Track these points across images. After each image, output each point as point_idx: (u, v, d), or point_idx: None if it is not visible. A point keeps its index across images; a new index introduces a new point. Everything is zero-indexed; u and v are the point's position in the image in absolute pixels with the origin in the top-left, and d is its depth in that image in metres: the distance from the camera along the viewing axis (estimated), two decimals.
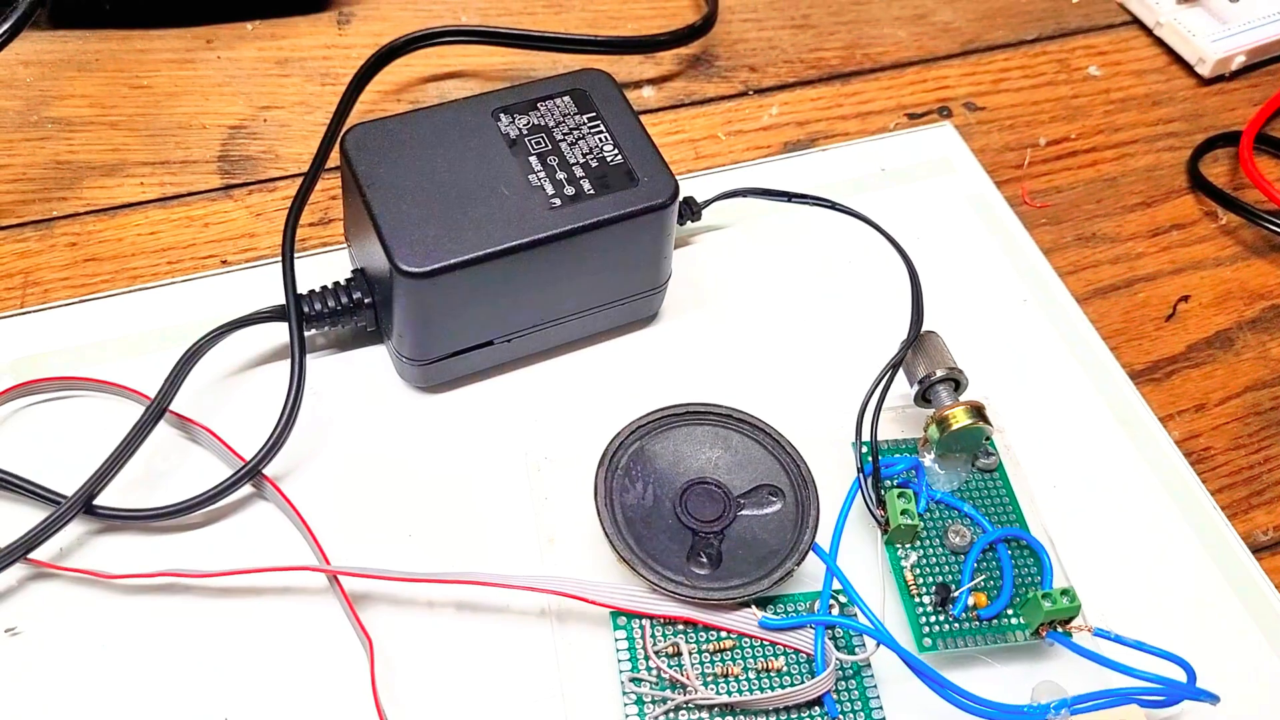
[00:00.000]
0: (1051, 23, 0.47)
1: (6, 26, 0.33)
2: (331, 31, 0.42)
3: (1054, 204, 0.41)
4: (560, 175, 0.31)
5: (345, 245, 0.35)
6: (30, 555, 0.28)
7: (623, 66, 0.42)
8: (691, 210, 0.36)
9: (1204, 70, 0.45)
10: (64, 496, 0.29)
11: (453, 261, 0.29)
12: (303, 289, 0.32)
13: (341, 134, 0.32)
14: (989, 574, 0.30)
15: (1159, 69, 0.45)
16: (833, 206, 0.36)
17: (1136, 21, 0.47)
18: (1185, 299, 0.38)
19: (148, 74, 0.40)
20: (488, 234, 0.30)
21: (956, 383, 0.32)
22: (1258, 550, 0.32)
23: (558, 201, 0.31)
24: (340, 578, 0.29)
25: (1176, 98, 0.45)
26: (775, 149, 0.41)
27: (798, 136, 0.42)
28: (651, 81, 0.43)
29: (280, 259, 0.34)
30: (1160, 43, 0.46)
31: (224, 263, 0.36)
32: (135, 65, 0.40)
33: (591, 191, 0.31)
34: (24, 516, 0.29)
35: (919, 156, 0.41)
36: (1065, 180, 0.41)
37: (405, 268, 0.29)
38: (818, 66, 0.44)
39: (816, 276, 0.37)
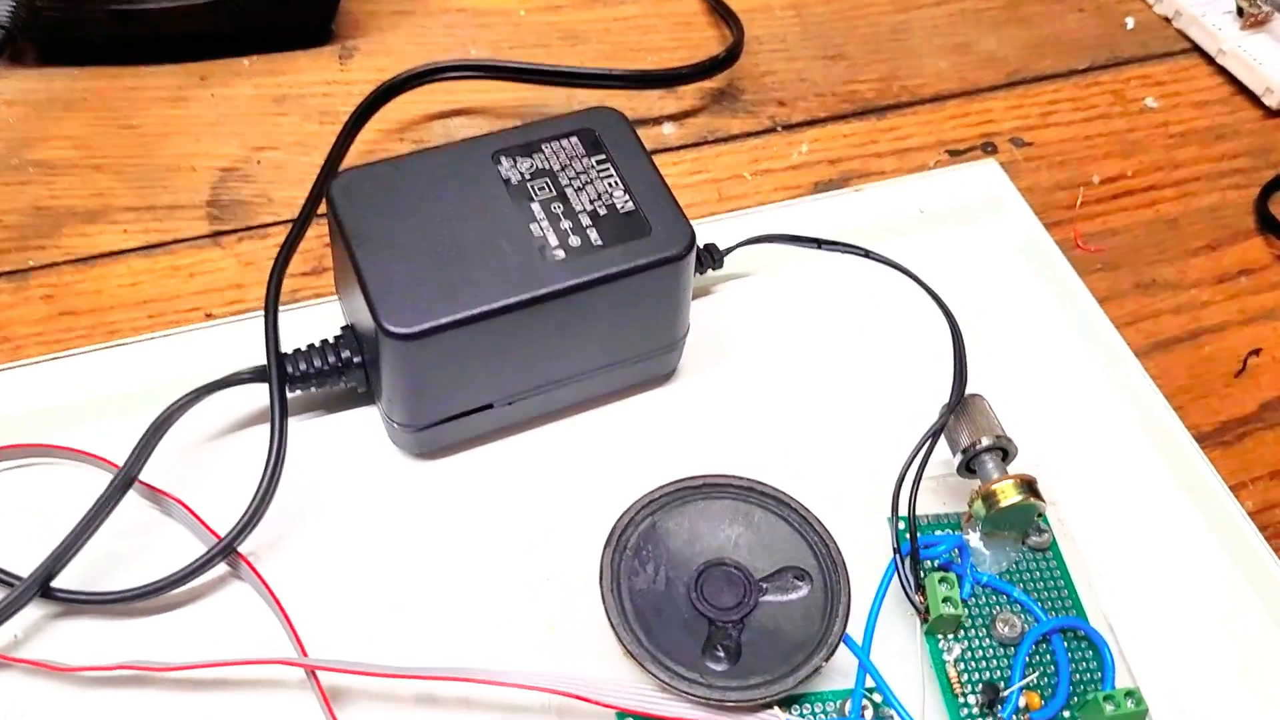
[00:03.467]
0: (1104, 51, 0.43)
1: None
2: (333, 67, 0.40)
3: (1109, 248, 0.37)
4: (565, 224, 0.29)
5: (337, 297, 0.33)
6: None
7: (641, 102, 0.40)
8: (712, 258, 0.34)
9: (1272, 101, 0.42)
10: (19, 578, 0.26)
11: (445, 321, 0.27)
12: (290, 345, 0.30)
13: (329, 181, 0.29)
14: (1043, 670, 0.27)
15: (1222, 100, 0.42)
16: (866, 255, 0.33)
17: (1197, 49, 0.44)
18: (1256, 352, 0.35)
19: (137, 113, 0.38)
20: (484, 290, 0.27)
21: (1004, 452, 0.29)
22: None
23: (562, 254, 0.28)
24: (318, 672, 0.26)
25: (1242, 131, 0.41)
26: (805, 189, 0.38)
27: (830, 175, 0.39)
28: (672, 118, 0.40)
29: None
30: (1223, 71, 0.43)
31: (209, 316, 0.33)
32: (125, 104, 0.38)
33: (599, 242, 0.29)
34: None
35: (961, 196, 0.38)
36: (1122, 222, 0.38)
37: (392, 328, 0.27)
38: (851, 100, 0.41)
39: (849, 331, 0.34)
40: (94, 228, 0.35)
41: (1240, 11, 0.43)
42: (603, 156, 0.30)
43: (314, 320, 0.32)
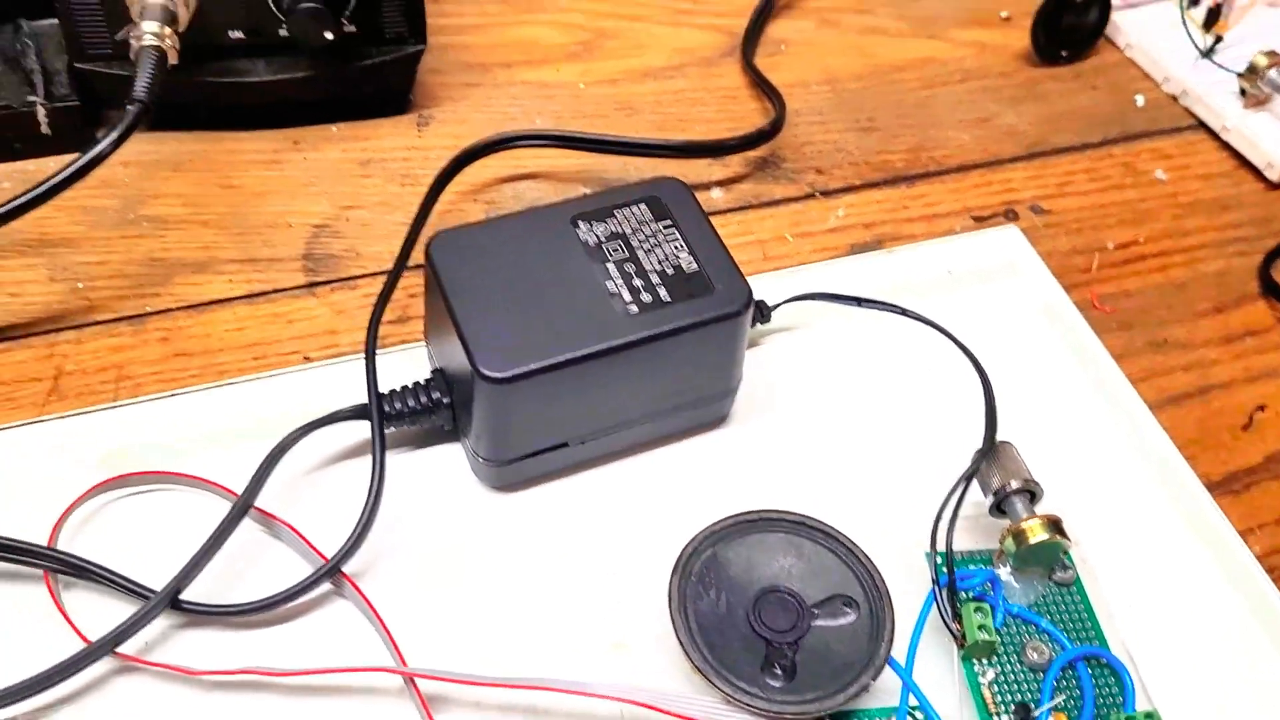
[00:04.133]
0: (1116, 126, 0.47)
1: (115, 135, 0.34)
2: (411, 133, 0.44)
3: (1124, 309, 0.41)
4: (637, 282, 0.32)
5: (424, 343, 0.36)
6: (117, 649, 0.29)
7: (691, 169, 0.43)
8: (761, 313, 0.37)
9: (1273, 175, 0.45)
10: (152, 591, 0.29)
11: (533, 367, 0.30)
12: (383, 387, 0.33)
13: (427, 240, 0.33)
14: (1069, 693, 0.30)
15: (1226, 173, 0.46)
16: (903, 313, 0.36)
17: (1202, 125, 0.47)
18: (1262, 408, 0.38)
19: (238, 174, 0.42)
20: (567, 340, 0.31)
21: (1032, 494, 0.32)
22: None
23: (635, 308, 0.32)
24: (417, 680, 0.29)
25: (1245, 202, 0.45)
26: (842, 250, 0.42)
27: (864, 238, 0.42)
28: (720, 183, 0.43)
29: (362, 356, 0.35)
30: (1227, 147, 0.46)
31: (306, 359, 0.37)
32: (226, 165, 0.42)
33: (668, 299, 0.32)
34: (110, 608, 0.30)
35: (986, 259, 0.41)
36: (1135, 285, 0.41)
37: (487, 373, 0.30)
38: (883, 169, 0.45)
39: (886, 381, 0.37)
40: (202, 277, 0.38)
41: (1243, 92, 0.46)
42: (669, 221, 0.34)
43: (401, 364, 0.36)
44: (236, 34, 0.40)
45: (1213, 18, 0.47)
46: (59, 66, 0.42)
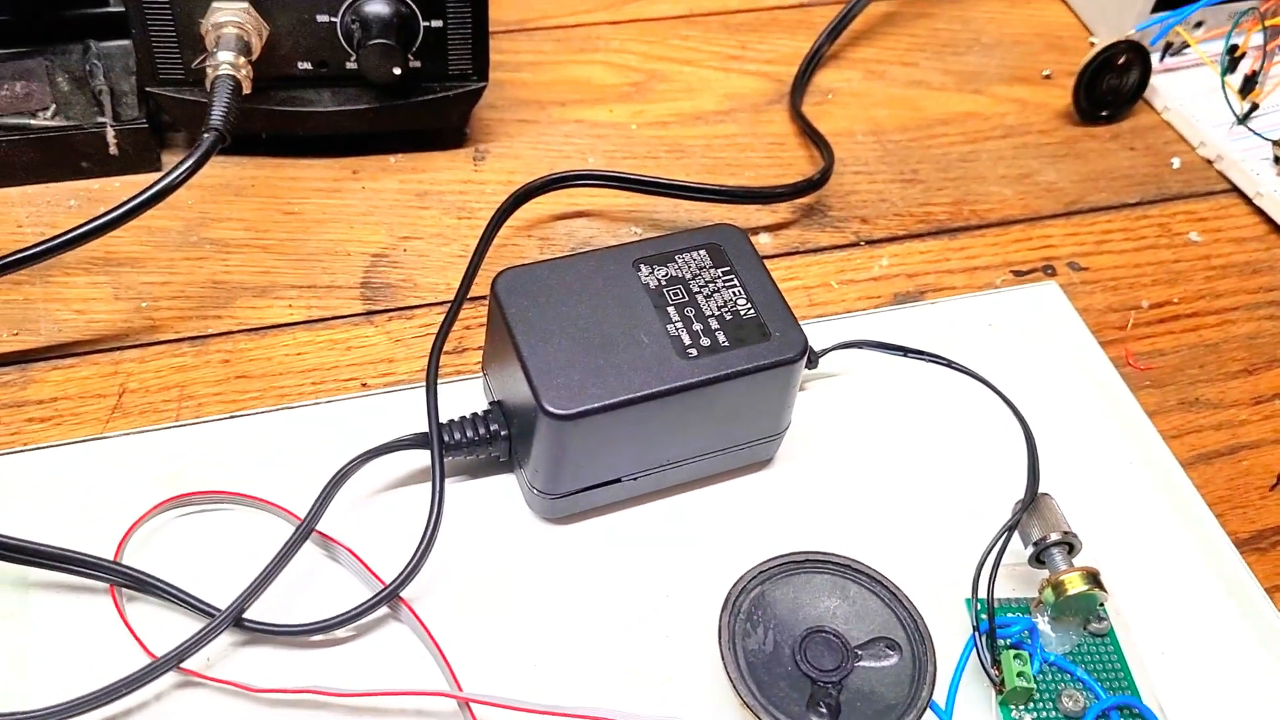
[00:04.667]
0: (1153, 187, 0.48)
1: (192, 161, 0.35)
2: (468, 167, 0.45)
3: (1157, 367, 0.42)
4: (697, 326, 0.33)
5: (480, 375, 0.37)
6: (181, 664, 0.29)
7: (740, 213, 0.44)
8: (810, 359, 0.38)
9: None
10: (216, 608, 0.30)
11: (596, 406, 0.31)
12: (441, 417, 0.34)
13: (494, 276, 0.34)
14: None
15: (1259, 237, 0.47)
16: (949, 364, 0.37)
17: (1236, 190, 0.48)
18: None
19: (298, 200, 0.43)
20: (628, 380, 0.32)
21: (1071, 546, 0.33)
22: None
23: (694, 352, 0.32)
24: (471, 705, 0.29)
25: (1277, 266, 0.45)
26: (886, 299, 0.43)
27: (908, 288, 0.43)
28: (768, 228, 0.44)
29: (418, 385, 0.36)
30: (1260, 212, 0.47)
31: (364, 385, 0.37)
32: (287, 192, 0.43)
33: (726, 343, 0.33)
34: (171, 622, 0.31)
35: (1025, 314, 0.42)
36: (1168, 344, 0.42)
37: (552, 410, 0.31)
38: (926, 220, 0.46)
39: (927, 429, 0.38)
40: (263, 301, 0.39)
41: (1277, 159, 0.47)
42: (728, 268, 0.35)
43: (457, 394, 0.37)
44: (305, 65, 0.42)
45: (1249, 85, 0.48)
46: (126, 88, 0.43)
